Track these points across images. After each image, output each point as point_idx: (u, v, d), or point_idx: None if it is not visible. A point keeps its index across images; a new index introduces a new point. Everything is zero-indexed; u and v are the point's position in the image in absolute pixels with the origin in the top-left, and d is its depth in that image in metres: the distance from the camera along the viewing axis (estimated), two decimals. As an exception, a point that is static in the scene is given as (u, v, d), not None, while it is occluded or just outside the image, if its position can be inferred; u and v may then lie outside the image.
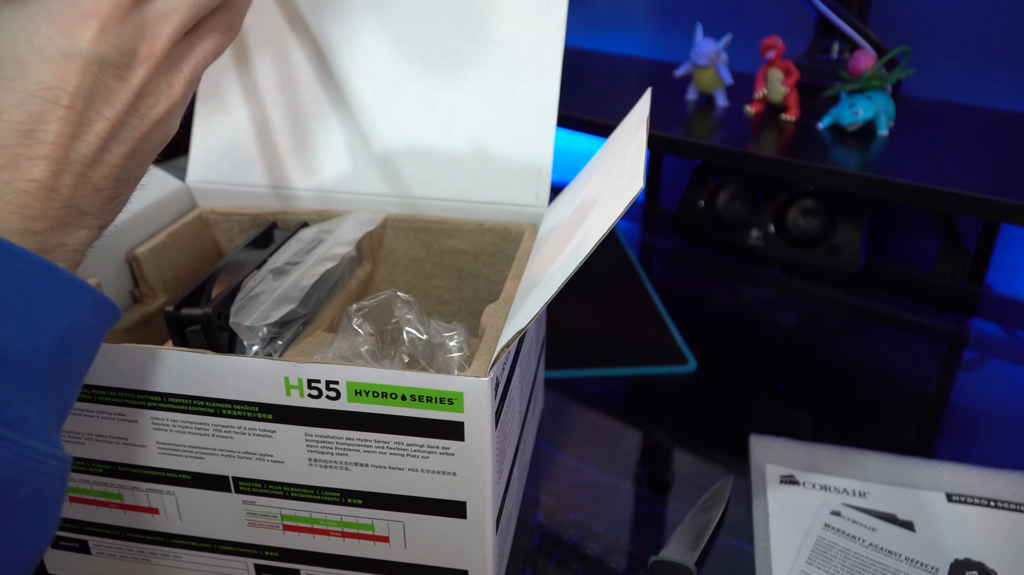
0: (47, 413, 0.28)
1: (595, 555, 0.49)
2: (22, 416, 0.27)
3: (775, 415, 0.63)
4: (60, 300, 0.28)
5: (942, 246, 0.89)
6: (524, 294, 0.40)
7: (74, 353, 0.29)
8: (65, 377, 0.29)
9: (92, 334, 0.30)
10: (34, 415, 0.27)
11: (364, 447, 0.38)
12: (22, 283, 0.27)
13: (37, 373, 0.27)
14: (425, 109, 0.54)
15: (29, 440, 0.27)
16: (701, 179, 0.92)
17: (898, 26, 0.93)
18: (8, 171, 0.28)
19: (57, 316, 0.28)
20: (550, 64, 0.52)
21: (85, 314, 0.29)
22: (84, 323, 0.29)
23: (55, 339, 0.28)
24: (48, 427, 0.28)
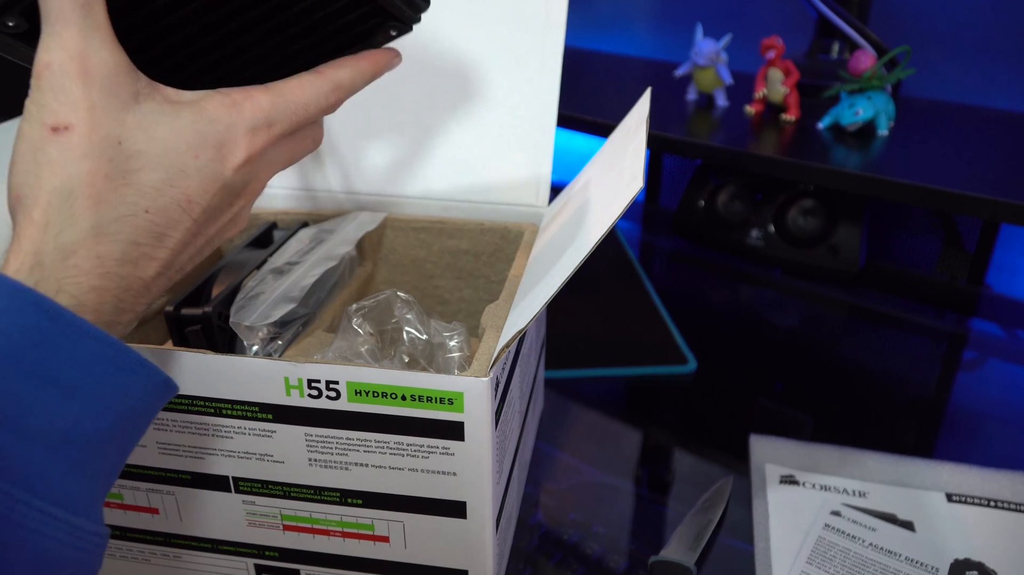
0: (95, 489, 0.28)
1: (595, 555, 0.49)
2: (74, 495, 0.27)
3: (775, 415, 0.63)
4: (128, 382, 0.28)
5: (942, 246, 0.89)
6: (524, 294, 0.40)
7: (131, 430, 0.30)
8: (117, 453, 0.29)
9: (150, 412, 0.30)
10: (85, 493, 0.27)
11: (364, 447, 0.38)
12: (95, 365, 0.27)
13: (94, 452, 0.28)
14: (425, 109, 0.54)
15: (79, 519, 0.27)
16: (701, 179, 0.92)
17: (898, 26, 0.93)
18: (129, 267, 0.29)
19: (124, 397, 0.28)
20: (550, 64, 0.52)
21: (149, 394, 0.30)
22: (146, 402, 0.30)
23: (117, 418, 0.28)
24: (95, 503, 0.28)
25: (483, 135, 0.54)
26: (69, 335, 0.27)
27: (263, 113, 0.32)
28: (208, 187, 0.31)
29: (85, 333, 0.27)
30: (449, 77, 0.54)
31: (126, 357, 0.28)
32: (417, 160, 0.55)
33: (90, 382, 0.27)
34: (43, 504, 0.26)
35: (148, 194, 0.29)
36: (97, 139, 0.28)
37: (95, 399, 0.27)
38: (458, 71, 0.53)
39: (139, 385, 0.29)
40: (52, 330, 0.26)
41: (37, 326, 0.26)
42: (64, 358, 0.26)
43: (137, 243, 0.29)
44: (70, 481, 0.27)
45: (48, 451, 0.26)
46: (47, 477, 0.26)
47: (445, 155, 0.55)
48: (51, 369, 0.26)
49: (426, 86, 0.54)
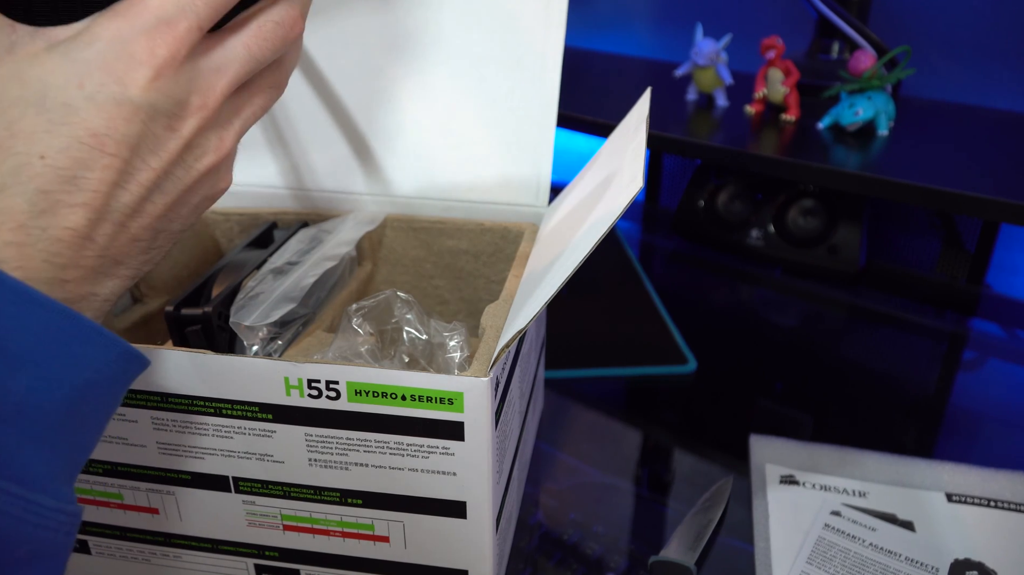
0: (59, 465, 0.27)
1: (595, 555, 0.49)
2: (31, 469, 0.26)
3: (775, 415, 0.63)
4: (83, 351, 0.27)
5: (942, 246, 0.89)
6: (524, 294, 0.40)
7: (93, 404, 0.28)
8: (82, 428, 0.28)
9: (114, 385, 0.29)
10: (44, 468, 0.26)
11: (364, 447, 0.38)
12: (44, 333, 0.26)
13: (52, 425, 0.26)
14: (425, 109, 0.54)
15: (36, 495, 0.26)
16: (701, 179, 0.92)
17: (898, 26, 0.93)
18: (46, 217, 0.27)
19: (78, 367, 0.27)
20: (550, 64, 0.52)
21: (108, 365, 0.28)
22: (107, 374, 0.28)
23: (74, 390, 0.27)
24: (59, 480, 0.27)
25: (483, 135, 0.54)
26: (12, 302, 0.25)
27: (152, 13, 0.28)
28: (112, 114, 0.28)
29: (30, 299, 0.26)
30: (449, 77, 0.54)
31: (77, 325, 0.27)
32: (417, 160, 0.55)
33: (40, 351, 0.26)
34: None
35: (38, 139, 0.27)
36: None
37: (46, 369, 0.26)
38: (458, 71, 0.53)
39: (96, 355, 0.27)
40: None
41: None
42: (8, 326, 0.25)
43: (44, 191, 0.27)
44: (26, 455, 0.25)
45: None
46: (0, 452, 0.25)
47: (445, 155, 0.55)
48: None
49: (426, 86, 0.54)
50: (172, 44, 0.28)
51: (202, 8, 0.29)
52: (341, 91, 0.55)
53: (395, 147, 0.55)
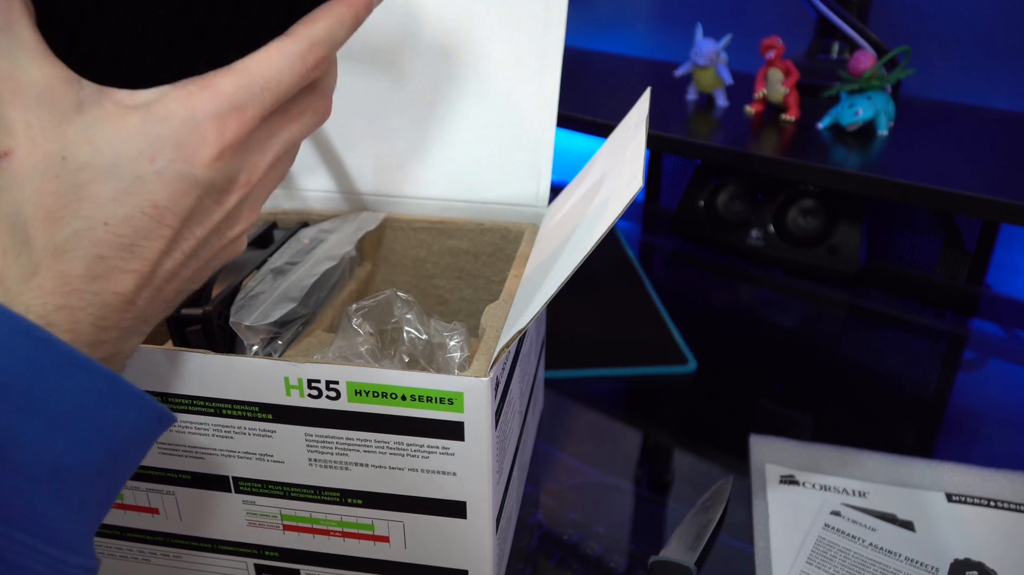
0: (84, 522, 0.28)
1: (595, 555, 0.49)
2: (60, 528, 0.26)
3: (775, 415, 0.63)
4: (119, 414, 0.28)
5: (942, 246, 0.89)
6: (524, 294, 0.40)
7: (122, 463, 0.29)
8: (109, 486, 0.29)
9: (144, 444, 0.30)
10: (72, 527, 0.27)
11: (364, 447, 0.38)
12: (86, 397, 0.26)
13: (83, 485, 0.27)
14: (425, 109, 0.54)
15: (63, 553, 0.26)
16: (701, 179, 0.92)
17: (898, 26, 0.93)
18: (99, 282, 0.28)
19: (114, 430, 0.27)
20: (550, 64, 0.52)
21: (142, 427, 0.29)
22: (138, 435, 0.29)
23: (107, 451, 0.27)
24: (84, 537, 0.28)
25: (483, 135, 0.54)
26: (58, 365, 0.26)
27: (226, 98, 0.29)
28: (177, 189, 0.29)
29: (75, 362, 0.26)
30: (449, 77, 0.54)
31: (118, 388, 0.27)
32: (417, 160, 0.55)
33: (79, 414, 0.26)
34: (25, 538, 0.25)
35: (104, 206, 0.28)
36: (38, 158, 0.27)
37: (84, 431, 0.26)
38: (458, 71, 0.53)
39: (131, 417, 0.28)
40: (40, 359, 0.25)
41: (25, 355, 0.25)
42: (53, 389, 0.26)
43: (102, 257, 0.28)
44: (55, 515, 0.26)
45: (33, 484, 0.25)
46: (31, 511, 0.25)
47: (445, 155, 0.55)
48: (39, 400, 0.25)
49: (426, 86, 0.54)
50: (239, 129, 0.29)
51: (268, 99, 0.30)
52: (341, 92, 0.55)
53: (395, 147, 0.55)
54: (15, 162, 0.27)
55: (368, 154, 0.55)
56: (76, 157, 0.27)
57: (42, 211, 0.27)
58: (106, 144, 0.28)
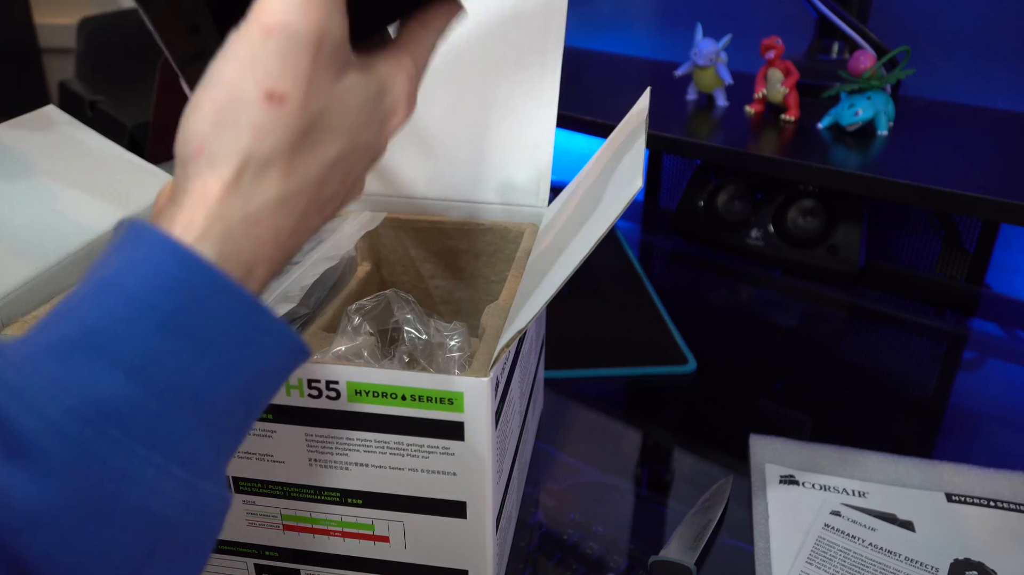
0: (221, 451, 0.27)
1: (595, 555, 0.49)
2: (198, 455, 0.26)
3: (775, 415, 0.63)
4: (263, 343, 0.27)
5: (942, 246, 0.89)
6: (524, 294, 0.40)
7: (259, 394, 0.28)
8: (245, 416, 0.28)
9: (280, 376, 0.29)
10: (209, 454, 0.26)
11: (364, 447, 0.38)
12: (230, 321, 0.26)
13: (221, 412, 0.26)
14: (425, 109, 0.54)
15: (200, 481, 0.25)
16: (701, 179, 0.92)
17: (898, 26, 0.93)
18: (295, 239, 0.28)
19: (255, 359, 0.27)
20: (550, 64, 0.52)
21: (280, 357, 0.28)
22: (276, 366, 0.28)
23: (247, 380, 0.27)
24: (219, 465, 0.27)
25: (483, 135, 0.54)
26: (210, 290, 0.25)
27: (413, 77, 0.31)
28: (365, 158, 0.30)
29: (226, 289, 0.26)
30: (449, 77, 0.54)
31: (262, 317, 0.27)
32: (417, 160, 0.55)
33: (225, 340, 0.26)
34: (164, 462, 0.24)
35: (325, 167, 0.28)
36: (307, 114, 0.27)
37: (228, 358, 0.26)
38: (458, 71, 0.53)
39: (272, 346, 0.27)
40: (194, 283, 0.25)
41: (175, 276, 0.25)
42: (201, 312, 0.25)
43: (307, 215, 0.28)
44: (195, 441, 0.25)
45: (175, 408, 0.25)
46: (172, 435, 0.25)
47: (445, 155, 0.54)
48: (186, 322, 0.25)
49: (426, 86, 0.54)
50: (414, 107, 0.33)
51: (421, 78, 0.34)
52: (341, 91, 0.55)
53: (395, 147, 0.55)
54: (287, 109, 0.27)
55: (368, 154, 0.55)
56: (330, 116, 0.28)
57: (288, 163, 0.27)
58: (353, 110, 0.29)
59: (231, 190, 0.26)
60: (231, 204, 0.26)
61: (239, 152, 0.26)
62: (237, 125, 0.26)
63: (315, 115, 0.27)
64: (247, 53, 0.26)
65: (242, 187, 0.27)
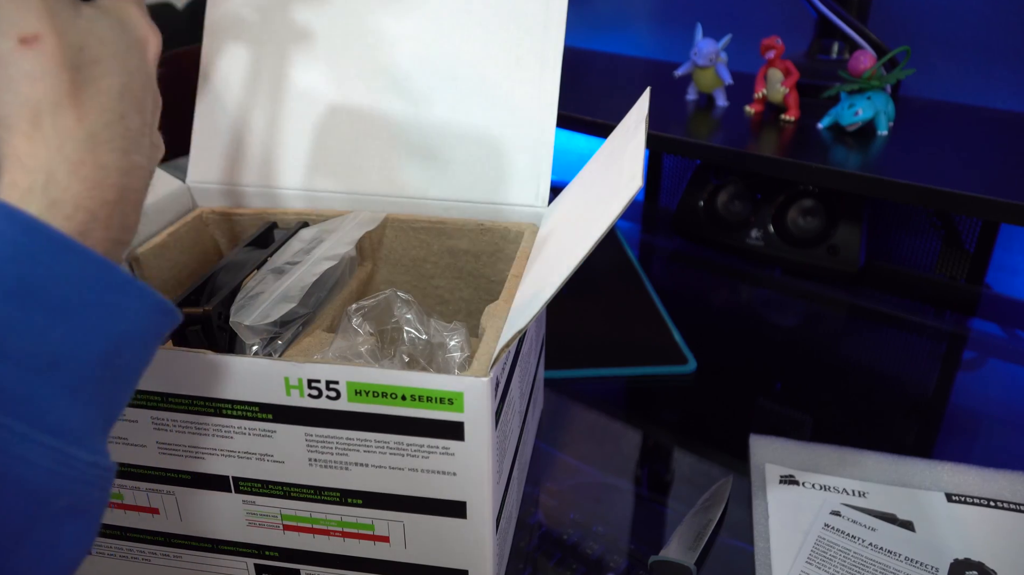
0: (94, 419, 0.27)
1: (595, 555, 0.49)
2: (67, 422, 0.25)
3: (775, 415, 0.63)
4: (118, 301, 0.27)
5: (942, 246, 0.89)
6: (524, 294, 0.40)
7: (127, 357, 0.28)
8: (116, 381, 0.28)
9: (148, 338, 0.29)
10: (80, 421, 0.26)
11: (364, 447, 0.38)
12: (79, 282, 0.25)
13: (87, 377, 0.26)
14: (425, 109, 0.54)
15: (72, 448, 0.25)
16: (701, 179, 0.92)
17: (898, 26, 0.93)
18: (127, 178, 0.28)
19: (114, 318, 0.27)
20: (550, 64, 0.52)
21: (142, 317, 0.28)
22: (141, 326, 0.28)
23: (109, 342, 0.27)
24: (94, 433, 0.27)
25: (483, 135, 0.54)
26: (49, 250, 0.25)
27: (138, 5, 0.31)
28: (147, 87, 0.30)
29: (67, 248, 0.25)
30: (449, 77, 0.54)
31: (113, 275, 0.26)
32: (417, 160, 0.55)
33: (77, 301, 0.25)
34: (28, 430, 0.24)
35: (117, 98, 0.28)
36: (66, 47, 0.27)
37: (84, 320, 0.26)
38: (458, 71, 0.53)
39: (131, 306, 0.27)
40: (29, 244, 0.24)
41: (13, 240, 0.24)
42: (45, 275, 0.25)
43: (126, 150, 0.28)
44: (61, 407, 0.25)
45: (34, 374, 0.24)
46: (35, 402, 0.24)
47: (445, 155, 0.55)
48: (33, 287, 0.24)
49: (426, 86, 0.54)
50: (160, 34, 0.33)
51: None
52: (341, 92, 0.55)
53: (395, 147, 0.55)
54: (46, 47, 0.26)
55: (368, 154, 0.55)
56: (90, 49, 0.28)
57: (76, 100, 0.27)
58: (108, 39, 0.28)
59: (37, 141, 0.26)
60: (45, 154, 0.26)
61: (24, 103, 0.26)
62: (11, 80, 0.26)
63: (76, 48, 0.27)
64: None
65: (46, 134, 0.26)
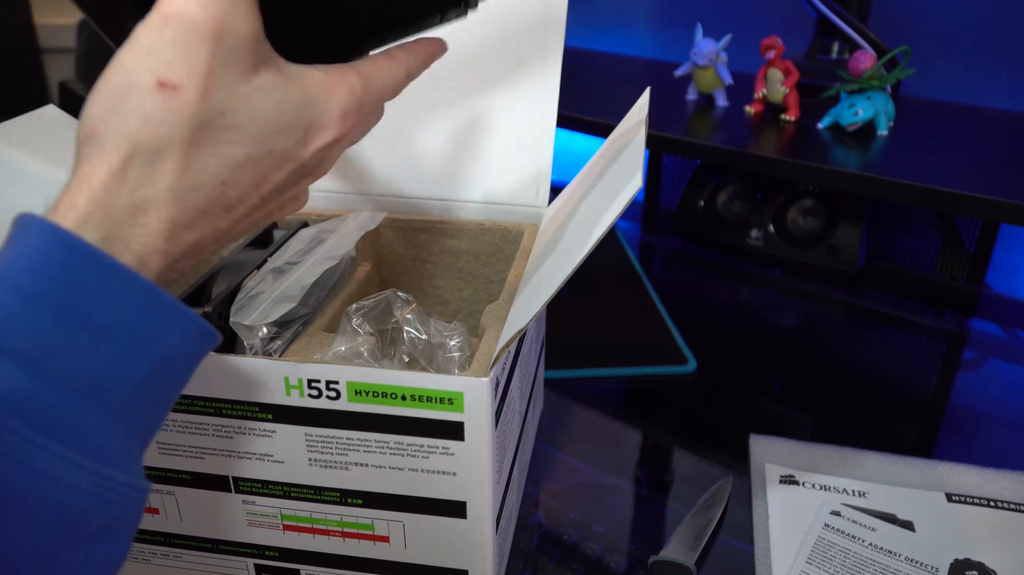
0: (132, 440, 0.27)
1: (595, 555, 0.49)
2: (106, 445, 0.25)
3: (775, 415, 0.63)
4: (162, 326, 0.27)
5: (942, 246, 0.89)
6: (524, 294, 0.40)
7: (166, 380, 0.28)
8: (154, 404, 0.28)
9: (188, 362, 0.29)
10: (119, 443, 0.26)
11: (364, 447, 0.38)
12: (125, 306, 0.26)
13: (128, 400, 0.26)
14: (425, 109, 0.54)
15: (110, 470, 0.25)
16: (701, 179, 0.92)
17: (898, 26, 0.93)
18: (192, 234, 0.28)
19: (156, 343, 0.27)
20: (550, 64, 0.52)
21: (185, 341, 0.28)
22: (182, 350, 0.28)
23: (151, 366, 0.27)
24: (131, 455, 0.27)
25: (483, 135, 0.54)
26: (97, 274, 0.25)
27: (355, 97, 0.31)
28: (285, 166, 0.30)
29: (114, 272, 0.26)
30: (449, 77, 0.54)
31: (158, 300, 0.27)
32: (417, 160, 0.55)
33: (121, 325, 0.25)
34: (68, 452, 0.24)
35: (230, 167, 0.28)
36: (203, 108, 0.27)
37: (127, 343, 0.26)
38: (458, 71, 0.53)
39: (175, 331, 0.27)
40: (79, 269, 0.25)
41: (62, 263, 0.25)
42: (92, 298, 0.25)
43: (207, 213, 0.28)
44: (101, 430, 0.25)
45: (76, 397, 0.25)
46: (75, 425, 0.25)
47: (445, 155, 0.55)
48: (79, 310, 0.25)
49: (425, 86, 0.54)
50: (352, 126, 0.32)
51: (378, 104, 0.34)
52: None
53: (395, 147, 0.55)
54: (180, 100, 0.26)
55: (369, 154, 0.55)
56: (233, 116, 0.28)
57: (182, 157, 0.27)
58: (263, 112, 0.28)
59: (117, 177, 0.26)
60: (116, 191, 0.26)
61: (126, 138, 0.26)
62: (126, 111, 0.26)
63: (214, 110, 0.27)
64: (146, 41, 0.26)
65: (129, 175, 0.26)
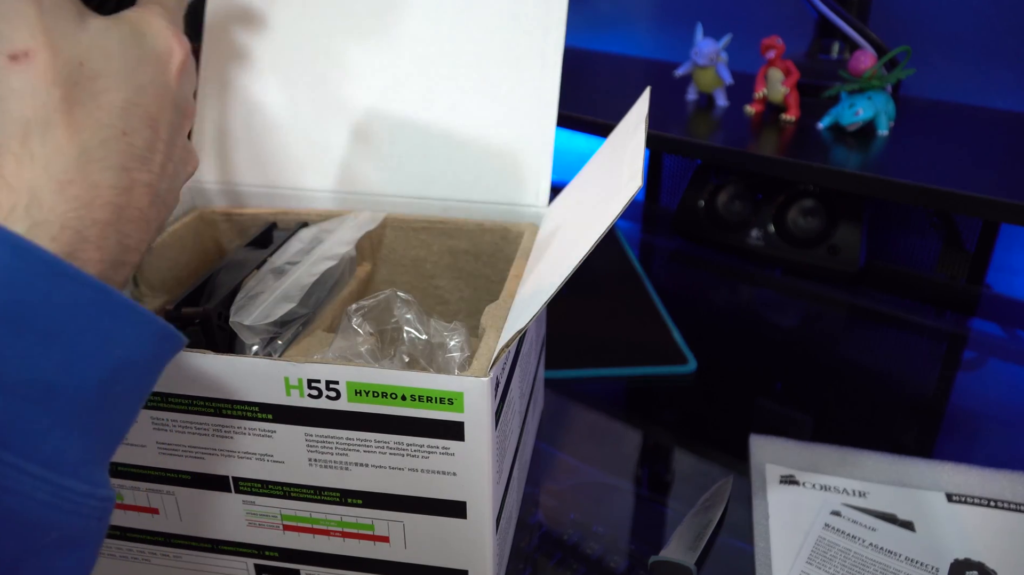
0: (92, 448, 0.26)
1: (595, 555, 0.49)
2: (62, 453, 0.24)
3: (775, 415, 0.63)
4: (116, 328, 0.25)
5: (942, 246, 0.89)
6: (524, 294, 0.40)
7: (127, 384, 0.27)
8: (115, 409, 0.27)
9: (149, 364, 0.28)
10: (76, 451, 0.25)
11: (364, 447, 0.38)
12: (74, 307, 0.24)
13: (84, 406, 0.25)
14: (425, 109, 0.54)
15: (66, 479, 0.24)
16: (701, 179, 0.92)
17: (898, 26, 0.93)
18: (125, 196, 0.27)
19: (111, 344, 0.25)
20: (550, 64, 0.52)
21: (142, 343, 0.27)
22: (140, 352, 0.27)
23: (107, 369, 0.25)
24: (91, 463, 0.26)
25: (483, 135, 0.54)
26: (42, 274, 0.24)
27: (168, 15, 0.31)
28: (163, 102, 0.29)
29: (60, 272, 0.24)
30: (449, 77, 0.54)
31: (109, 299, 0.25)
32: (417, 160, 0.55)
33: (71, 326, 0.24)
34: (21, 462, 0.23)
35: (120, 115, 0.28)
36: (61, 63, 0.26)
37: (78, 345, 0.24)
38: (458, 71, 0.53)
39: (129, 331, 0.26)
40: (21, 267, 0.23)
41: (5, 265, 0.23)
42: (37, 298, 0.23)
43: (126, 168, 0.27)
44: (56, 438, 0.24)
45: (27, 404, 0.23)
46: (28, 433, 0.23)
47: (445, 155, 0.55)
48: (23, 312, 0.23)
49: (426, 86, 0.54)
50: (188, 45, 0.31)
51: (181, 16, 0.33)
52: (341, 91, 0.55)
53: (395, 147, 0.55)
54: (38, 64, 0.26)
55: (368, 154, 0.55)
56: (92, 64, 0.27)
57: (69, 118, 0.26)
58: (115, 53, 0.28)
59: (24, 161, 0.26)
60: (31, 174, 0.26)
61: (13, 122, 0.26)
62: (0, 99, 0.26)
63: (72, 63, 0.27)
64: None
65: (34, 153, 0.26)
